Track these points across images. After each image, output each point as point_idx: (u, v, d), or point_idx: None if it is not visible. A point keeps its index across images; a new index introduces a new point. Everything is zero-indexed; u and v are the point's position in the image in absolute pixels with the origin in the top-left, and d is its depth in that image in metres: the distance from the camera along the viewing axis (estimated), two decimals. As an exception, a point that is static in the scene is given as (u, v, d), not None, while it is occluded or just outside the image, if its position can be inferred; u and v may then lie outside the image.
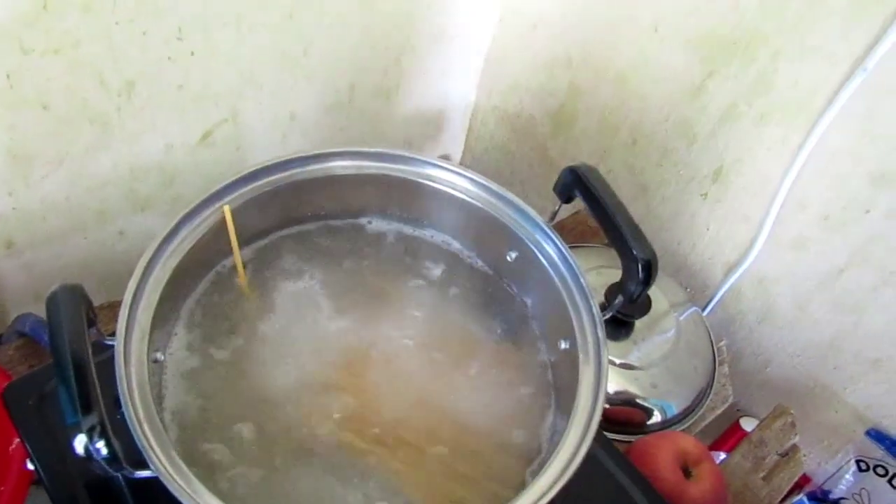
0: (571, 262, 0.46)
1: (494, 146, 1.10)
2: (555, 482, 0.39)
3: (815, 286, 0.80)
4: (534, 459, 0.45)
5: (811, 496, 0.87)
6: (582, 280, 0.45)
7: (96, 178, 0.78)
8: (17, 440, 0.59)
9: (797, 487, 0.88)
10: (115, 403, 0.37)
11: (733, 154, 0.81)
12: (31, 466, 0.52)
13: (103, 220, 0.82)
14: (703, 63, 0.80)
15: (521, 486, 0.39)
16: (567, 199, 0.47)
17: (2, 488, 0.57)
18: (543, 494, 0.38)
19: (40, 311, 0.74)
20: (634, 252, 0.41)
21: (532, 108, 1.02)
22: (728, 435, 0.92)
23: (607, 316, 0.44)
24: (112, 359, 0.38)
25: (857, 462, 0.82)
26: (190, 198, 0.45)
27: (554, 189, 0.48)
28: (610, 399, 0.72)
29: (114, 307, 0.41)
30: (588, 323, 0.44)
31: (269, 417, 0.44)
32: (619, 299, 0.44)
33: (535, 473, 0.43)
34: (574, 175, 0.46)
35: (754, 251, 0.83)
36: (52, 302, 0.34)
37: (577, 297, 0.46)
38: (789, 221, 0.79)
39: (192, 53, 0.74)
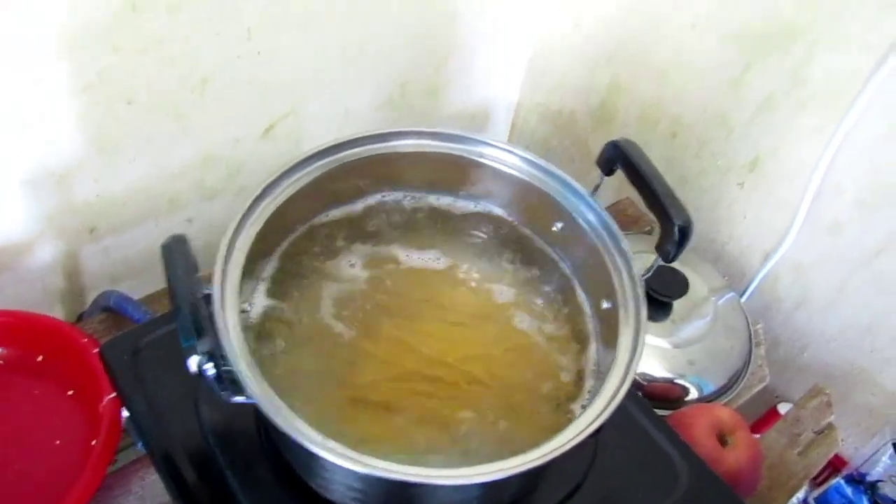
0: (613, 227, 0.50)
1: (536, 142, 1.15)
2: (592, 422, 0.42)
3: (851, 269, 0.82)
4: (575, 407, 0.50)
5: (848, 479, 0.88)
6: (622, 244, 0.50)
7: (171, 169, 0.84)
8: (108, 397, 0.65)
9: (834, 471, 0.90)
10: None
11: (770, 143, 0.84)
12: (126, 413, 0.58)
13: (174, 208, 0.88)
14: (741, 56, 0.83)
15: (559, 429, 0.43)
16: (609, 171, 0.52)
17: (94, 442, 0.64)
18: (579, 433, 0.42)
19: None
20: (671, 215, 0.45)
21: (573, 105, 1.07)
22: (765, 420, 0.94)
23: (646, 276, 0.49)
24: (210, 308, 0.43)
25: (894, 444, 0.84)
26: (253, 188, 0.50)
27: (597, 163, 0.52)
28: (647, 376, 0.76)
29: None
30: (628, 283, 0.49)
31: (338, 363, 0.50)
32: (656, 259, 0.48)
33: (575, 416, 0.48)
34: (616, 148, 0.50)
35: (790, 237, 0.85)
36: (166, 248, 0.40)
37: (618, 261, 0.50)
38: (825, 207, 0.81)
39: (259, 53, 0.80)
